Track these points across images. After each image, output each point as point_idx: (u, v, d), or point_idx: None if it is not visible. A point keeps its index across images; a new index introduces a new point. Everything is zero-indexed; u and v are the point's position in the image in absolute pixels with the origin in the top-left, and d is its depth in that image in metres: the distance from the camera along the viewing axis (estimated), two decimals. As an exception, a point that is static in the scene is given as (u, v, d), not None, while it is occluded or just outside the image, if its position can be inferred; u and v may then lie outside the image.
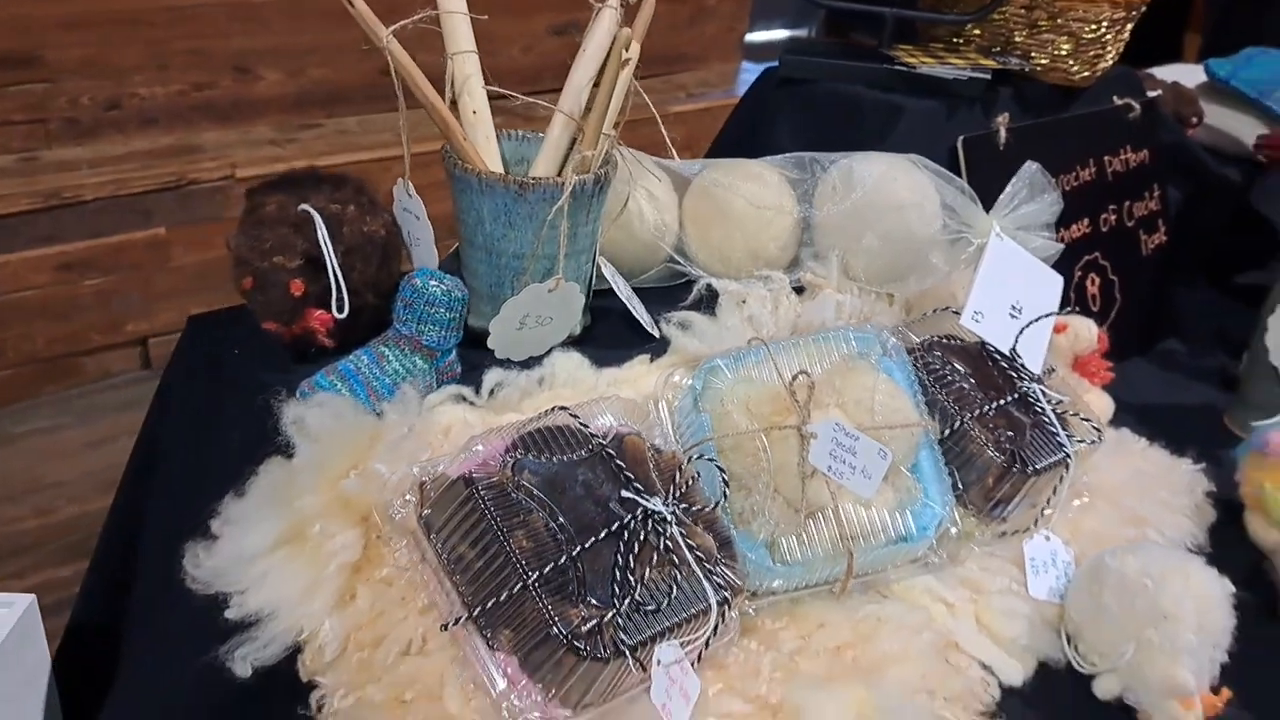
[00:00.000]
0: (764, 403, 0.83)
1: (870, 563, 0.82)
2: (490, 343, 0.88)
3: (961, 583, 0.88)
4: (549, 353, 0.90)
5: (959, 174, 1.15)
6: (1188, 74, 1.71)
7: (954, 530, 0.86)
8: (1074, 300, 1.30)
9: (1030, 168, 1.06)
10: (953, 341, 0.97)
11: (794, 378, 0.81)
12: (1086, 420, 0.95)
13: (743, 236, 1.03)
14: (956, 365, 0.94)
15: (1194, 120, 1.51)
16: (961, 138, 1.17)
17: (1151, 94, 1.45)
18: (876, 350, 0.88)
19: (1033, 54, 1.27)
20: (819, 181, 1.05)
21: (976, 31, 1.29)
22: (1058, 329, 1.04)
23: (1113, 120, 1.37)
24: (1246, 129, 1.63)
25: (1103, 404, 1.06)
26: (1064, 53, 1.25)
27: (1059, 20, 1.23)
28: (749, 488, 0.81)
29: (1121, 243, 1.38)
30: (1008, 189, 1.06)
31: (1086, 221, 1.33)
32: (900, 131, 1.18)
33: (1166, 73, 1.74)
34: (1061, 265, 1.28)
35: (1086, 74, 1.27)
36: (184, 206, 2.35)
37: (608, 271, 0.97)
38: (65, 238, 1.99)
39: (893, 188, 1.02)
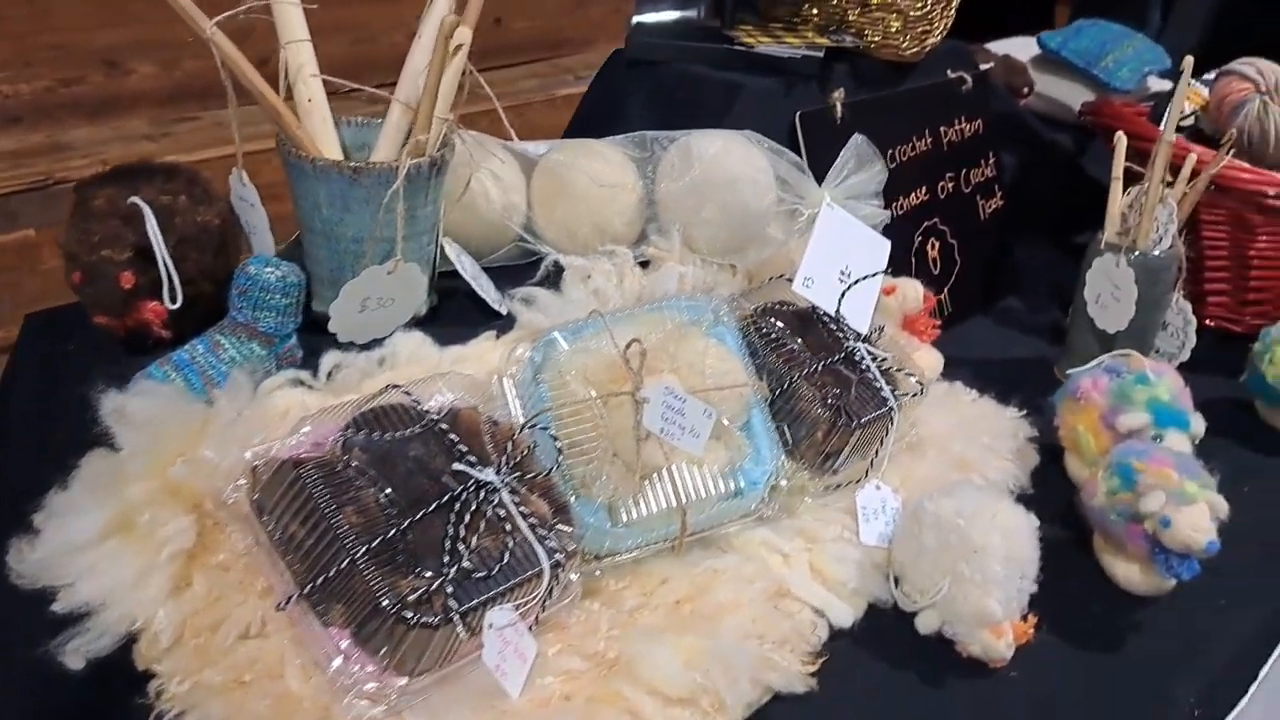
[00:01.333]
0: (600, 371, 0.86)
1: (706, 520, 0.87)
2: (331, 326, 0.90)
3: (798, 533, 0.93)
4: (392, 333, 0.92)
5: (798, 148, 1.21)
6: (1024, 46, 1.80)
7: (785, 483, 0.91)
8: (915, 264, 1.37)
9: (857, 140, 1.12)
10: (786, 307, 1.02)
11: (627, 346, 0.85)
12: (910, 375, 1.01)
13: (588, 213, 1.06)
14: (788, 329, 0.99)
15: (1025, 90, 1.59)
16: (799, 113, 1.22)
17: (984, 66, 1.53)
18: (709, 318, 0.92)
19: (865, 32, 1.33)
20: (660, 159, 1.09)
21: (814, 11, 1.34)
22: (887, 291, 1.10)
23: (946, 93, 1.44)
24: (1077, 97, 1.73)
25: (931, 359, 1.12)
26: (894, 30, 1.31)
27: (888, -2, 1.29)
28: (588, 454, 0.85)
29: (960, 208, 1.45)
30: (837, 161, 1.11)
31: (925, 189, 1.40)
32: (741, 109, 1.22)
33: (1001, 46, 1.83)
34: (902, 231, 1.35)
35: (916, 49, 1.33)
36: (53, 206, 2.30)
37: (451, 251, 0.99)
38: None
39: (727, 163, 1.06)
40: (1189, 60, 1.18)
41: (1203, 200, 1.39)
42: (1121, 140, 1.23)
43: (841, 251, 1.07)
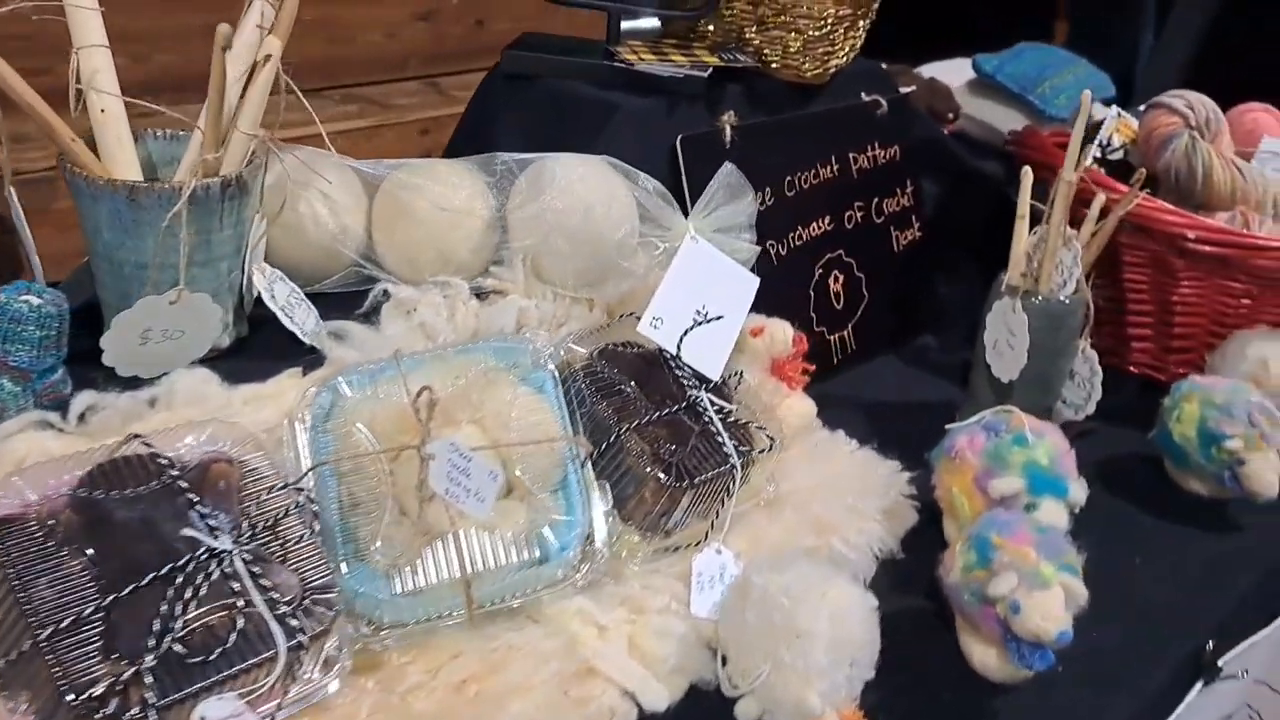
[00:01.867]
0: (390, 421, 0.78)
1: (501, 589, 0.78)
2: (106, 359, 0.82)
3: (622, 603, 0.85)
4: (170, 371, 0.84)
5: (679, 173, 1.13)
6: (961, 69, 1.72)
7: (604, 548, 0.83)
8: (814, 298, 1.29)
9: (727, 169, 1.03)
10: (631, 349, 0.94)
11: (418, 394, 0.77)
12: (762, 428, 0.92)
13: (429, 240, 0.98)
14: (626, 374, 0.91)
15: (950, 116, 1.51)
16: (680, 137, 1.14)
17: (904, 90, 1.45)
18: (525, 361, 0.84)
19: (765, 51, 1.25)
20: (513, 183, 1.01)
21: (710, 29, 1.26)
22: (754, 332, 1.02)
23: (858, 117, 1.36)
24: (1012, 124, 1.65)
25: (801, 407, 1.03)
26: (793, 50, 1.23)
27: (785, 17, 1.20)
28: (372, 514, 0.76)
29: (870, 239, 1.37)
30: (705, 191, 1.03)
31: (828, 219, 1.31)
32: (619, 130, 1.14)
33: (937, 68, 1.75)
34: (800, 263, 1.27)
35: (818, 71, 1.25)
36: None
37: (262, 279, 0.91)
38: None
39: (579, 189, 0.98)
40: (1086, 95, 1.10)
41: (1124, 241, 1.30)
42: (1028, 175, 1.15)
43: (701, 289, 0.99)
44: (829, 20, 1.20)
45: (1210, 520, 1.12)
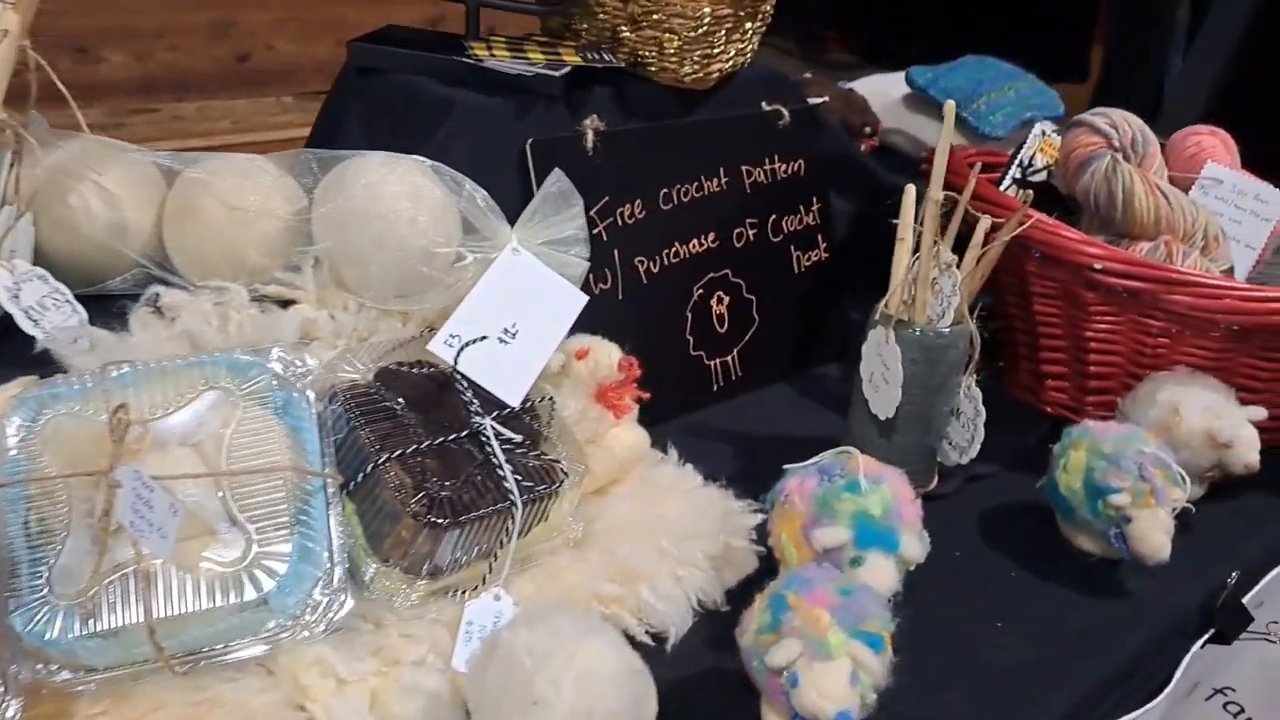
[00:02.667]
0: (90, 441, 0.69)
1: (209, 636, 0.69)
2: None
3: (375, 652, 0.76)
4: None
5: (530, 179, 1.04)
6: (897, 82, 1.62)
7: (340, 591, 0.74)
8: (692, 320, 1.19)
9: (554, 177, 0.94)
10: (420, 369, 0.85)
11: (114, 412, 0.68)
12: (557, 461, 0.83)
13: (217, 241, 0.90)
14: (405, 398, 0.81)
15: (866, 130, 1.41)
16: (530, 141, 1.05)
17: (814, 101, 1.35)
18: (266, 379, 0.75)
19: (640, 52, 1.16)
20: (318, 184, 0.93)
21: (584, 26, 1.17)
22: (579, 355, 0.92)
23: (755, 127, 1.26)
24: (947, 141, 1.54)
25: (629, 438, 0.94)
26: (670, 51, 1.14)
27: (657, 15, 1.11)
28: (58, 544, 0.68)
29: (765, 259, 1.27)
30: (533, 201, 0.94)
31: (713, 235, 1.22)
32: (465, 131, 1.05)
33: (876, 81, 1.65)
34: (676, 283, 1.18)
35: (698, 75, 1.16)
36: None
37: (7, 277, 0.83)
38: None
39: (381, 192, 0.89)
40: (950, 104, 0.99)
41: (1032, 270, 1.20)
42: (909, 193, 1.05)
43: (517, 306, 0.90)
44: (705, 20, 1.11)
45: (1097, 582, 1.00)
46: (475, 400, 0.82)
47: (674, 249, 1.18)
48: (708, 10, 1.10)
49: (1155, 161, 1.23)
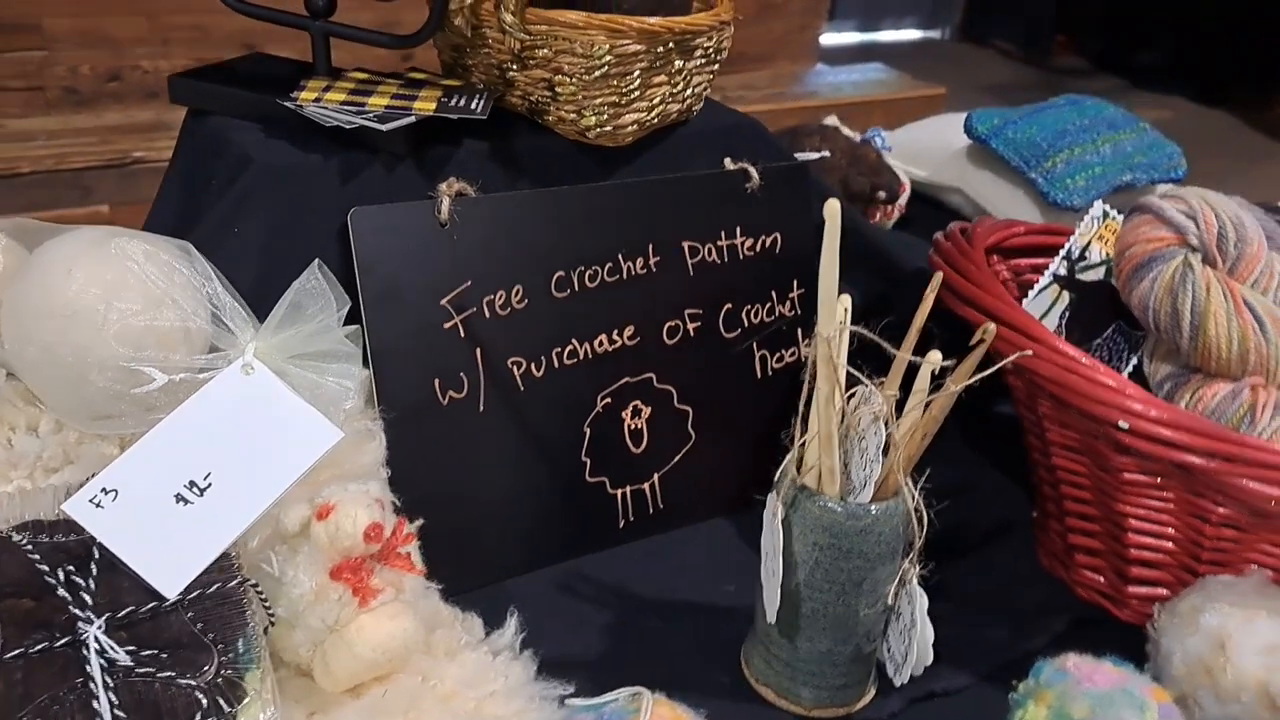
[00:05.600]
0: None
1: None
2: None
3: None
4: None
5: (353, 258, 0.81)
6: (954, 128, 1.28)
7: None
8: (590, 439, 0.93)
9: (312, 269, 0.71)
10: (46, 538, 0.64)
11: None
12: (195, 685, 0.60)
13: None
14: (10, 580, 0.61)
15: (880, 195, 1.09)
16: (353, 210, 0.82)
17: (804, 156, 1.05)
18: None
19: (532, 96, 0.90)
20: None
21: (471, 62, 0.93)
22: (319, 514, 0.69)
23: (707, 191, 0.98)
24: (1017, 208, 1.21)
25: (380, 634, 0.69)
26: (564, 97, 0.88)
27: (542, 51, 0.86)
28: None
29: (709, 360, 1.00)
30: (281, 301, 0.71)
31: (632, 331, 0.95)
32: (268, 194, 0.83)
33: (933, 125, 1.32)
34: (572, 390, 0.93)
35: (605, 129, 0.89)
36: (129, 185, 2.26)
37: None
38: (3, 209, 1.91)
39: (65, 285, 0.68)
40: (832, 205, 0.69)
41: (1049, 411, 0.87)
42: (828, 282, 0.74)
43: (226, 446, 0.68)
44: (603, 59, 0.84)
45: None
46: (92, 590, 0.61)
47: (569, 347, 0.92)
48: (606, 46, 0.84)
49: (1255, 268, 0.87)
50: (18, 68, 2.01)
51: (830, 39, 4.37)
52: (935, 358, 0.72)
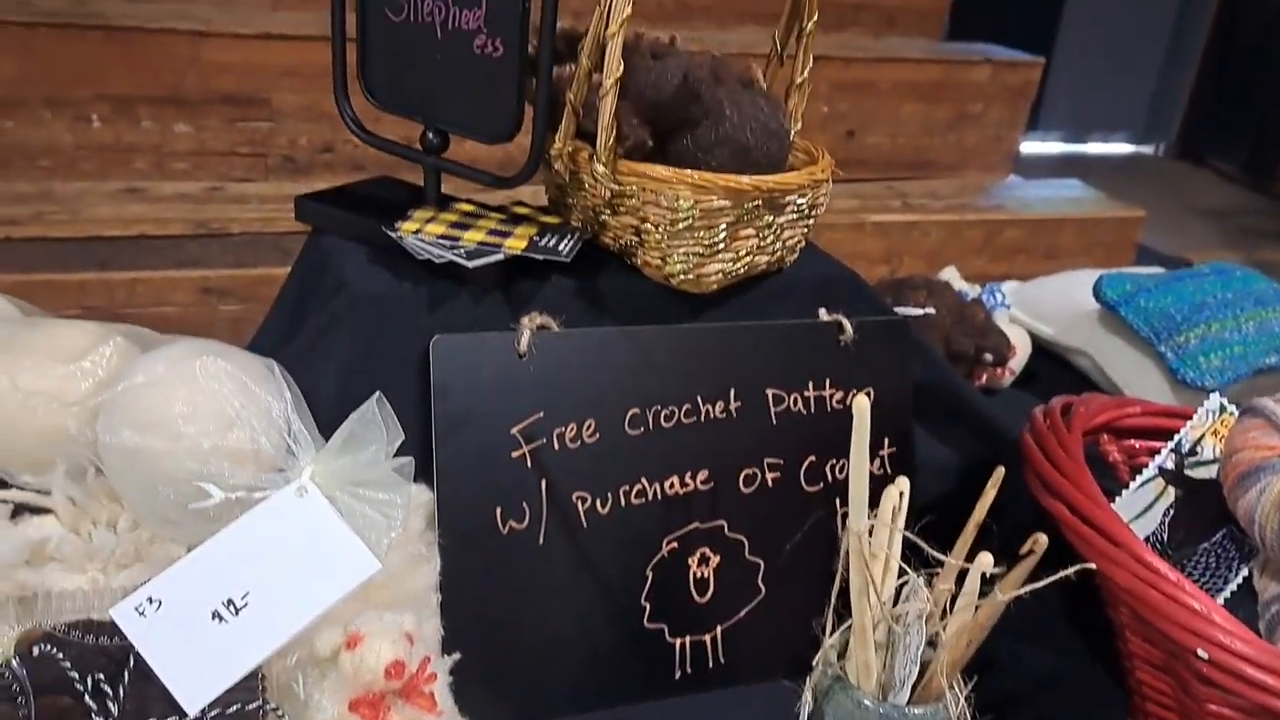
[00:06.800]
0: None
1: None
2: None
3: None
4: None
5: (430, 388, 0.84)
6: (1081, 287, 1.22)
7: None
8: (650, 584, 0.92)
9: (369, 405, 0.73)
10: (96, 639, 0.67)
11: None
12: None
13: (3, 426, 0.79)
14: (60, 683, 0.64)
15: (986, 358, 1.04)
16: (435, 338, 0.85)
17: (905, 312, 1.02)
18: None
19: (623, 240, 0.92)
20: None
21: (574, 200, 0.95)
22: (349, 643, 0.70)
23: (796, 340, 0.97)
24: (1145, 379, 1.14)
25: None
26: (651, 244, 0.89)
27: (631, 200, 0.88)
28: None
29: (785, 513, 0.97)
30: (344, 425, 0.74)
31: (706, 475, 0.94)
32: (356, 319, 0.87)
33: (1062, 282, 1.26)
34: (637, 531, 0.93)
35: (688, 277, 0.90)
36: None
37: None
38: (210, 264, 2.10)
39: (148, 398, 0.73)
40: (861, 403, 0.66)
41: (1131, 626, 0.81)
42: (891, 492, 0.72)
43: (276, 565, 0.70)
44: (687, 212, 0.85)
45: None
46: (121, 699, 0.64)
47: (638, 486, 0.92)
48: (690, 201, 0.85)
49: (1385, 487, 0.78)
50: (247, 136, 2.20)
51: (1033, 147, 4.25)
52: (985, 561, 0.67)
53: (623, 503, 0.92)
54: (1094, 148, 4.70)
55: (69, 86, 1.96)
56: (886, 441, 1.00)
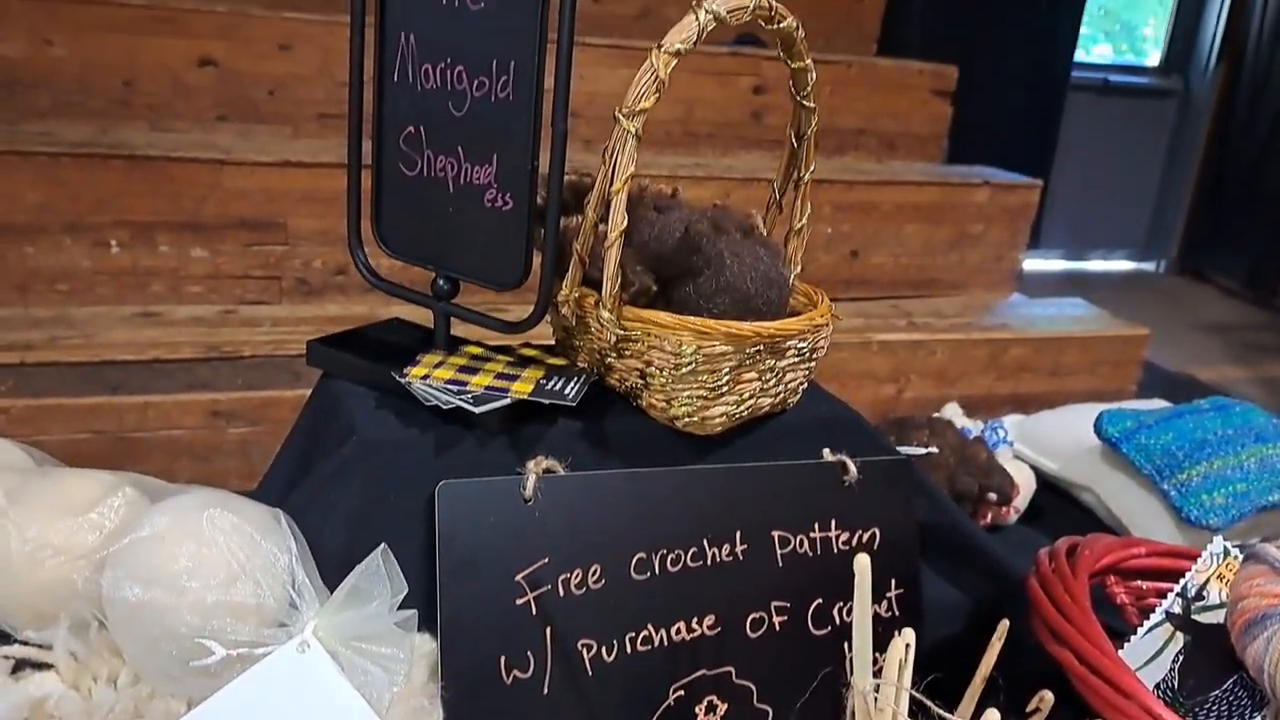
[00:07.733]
0: None
1: None
2: None
3: None
4: None
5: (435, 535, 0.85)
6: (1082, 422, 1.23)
7: None
8: (656, 732, 0.91)
9: (373, 558, 0.74)
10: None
11: None
12: None
13: (9, 578, 0.79)
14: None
15: (990, 497, 1.05)
16: (441, 484, 0.86)
17: (909, 451, 1.03)
18: None
19: (628, 382, 0.93)
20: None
21: (580, 343, 0.97)
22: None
23: (800, 481, 0.97)
24: (1150, 518, 1.13)
25: None
26: (655, 386, 0.91)
27: (635, 344, 0.89)
28: None
29: (794, 658, 0.96)
30: (348, 580, 0.74)
31: (713, 620, 0.94)
32: (361, 465, 0.88)
33: (1064, 416, 1.27)
34: (643, 678, 0.92)
35: (692, 420, 0.91)
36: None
37: None
38: (220, 387, 2.12)
39: (150, 554, 0.74)
40: (862, 562, 0.66)
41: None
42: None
43: (272, 725, 0.70)
44: (689, 357, 0.87)
45: None
46: None
47: (644, 633, 0.92)
48: (693, 346, 0.86)
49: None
50: (261, 259, 2.23)
51: (1035, 264, 4.30)
52: (992, 718, 0.67)
53: (629, 649, 0.91)
54: (1096, 265, 4.77)
55: (90, 213, 2.01)
56: (893, 583, 1.00)
